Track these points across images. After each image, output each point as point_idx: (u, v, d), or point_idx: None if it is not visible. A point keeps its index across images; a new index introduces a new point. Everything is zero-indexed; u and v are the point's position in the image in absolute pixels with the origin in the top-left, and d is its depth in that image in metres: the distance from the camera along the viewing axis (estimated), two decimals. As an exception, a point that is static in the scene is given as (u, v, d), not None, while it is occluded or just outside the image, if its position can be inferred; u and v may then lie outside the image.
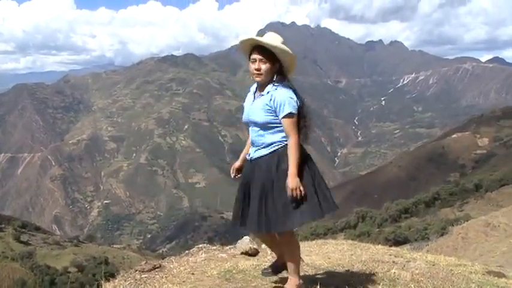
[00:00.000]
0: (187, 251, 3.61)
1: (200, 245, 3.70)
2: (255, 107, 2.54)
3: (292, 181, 2.38)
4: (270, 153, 2.51)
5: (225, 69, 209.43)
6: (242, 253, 3.42)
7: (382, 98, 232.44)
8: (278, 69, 2.54)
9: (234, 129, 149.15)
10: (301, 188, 2.38)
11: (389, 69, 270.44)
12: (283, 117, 2.46)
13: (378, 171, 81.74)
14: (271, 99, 2.49)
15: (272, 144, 2.51)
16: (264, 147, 2.53)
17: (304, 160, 2.50)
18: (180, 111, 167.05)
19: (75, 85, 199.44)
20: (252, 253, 3.39)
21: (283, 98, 2.48)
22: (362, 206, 38.15)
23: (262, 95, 2.54)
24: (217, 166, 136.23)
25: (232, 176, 2.69)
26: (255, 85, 2.65)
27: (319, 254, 3.74)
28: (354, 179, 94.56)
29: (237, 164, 2.71)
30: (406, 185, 64.09)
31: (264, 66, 2.51)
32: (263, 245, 3.32)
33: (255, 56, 2.52)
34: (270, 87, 2.53)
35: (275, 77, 2.55)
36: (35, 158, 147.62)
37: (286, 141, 2.49)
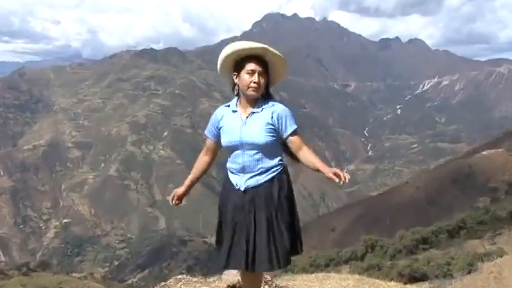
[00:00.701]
0: (163, 283, 3.59)
1: (178, 276, 3.67)
2: (251, 127, 2.62)
3: (331, 169, 2.49)
4: (270, 179, 2.62)
5: (213, 67, 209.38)
6: (228, 286, 3.39)
7: (398, 106, 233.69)
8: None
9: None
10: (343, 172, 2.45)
11: (408, 72, 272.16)
12: (292, 133, 2.63)
13: (391, 193, 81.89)
14: (272, 117, 2.62)
15: (271, 169, 2.63)
16: (261, 173, 2.62)
17: (293, 192, 2.71)
18: (158, 115, 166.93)
19: (32, 80, 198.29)
20: (240, 286, 3.37)
21: (286, 113, 2.65)
22: (371, 234, 38.12)
23: (255, 113, 2.65)
24: (200, 181, 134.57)
25: (172, 203, 2.81)
26: (234, 101, 2.76)
27: (321, 291, 3.72)
28: (362, 200, 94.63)
29: (182, 190, 2.84)
30: (425, 210, 64.21)
31: (262, 80, 2.65)
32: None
33: (255, 67, 2.63)
34: (262, 103, 2.68)
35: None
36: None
37: (282, 164, 2.68)
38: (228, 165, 2.73)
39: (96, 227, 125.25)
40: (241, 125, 2.64)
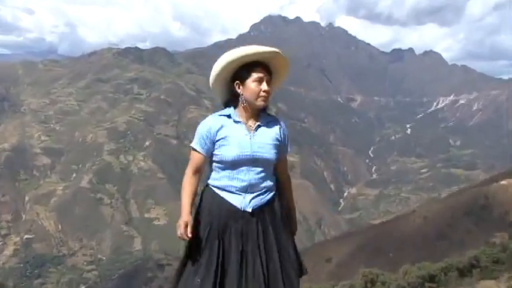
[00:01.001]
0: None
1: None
2: (261, 141, 2.67)
3: (296, 225, 2.97)
4: (271, 198, 2.71)
5: (205, 71, 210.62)
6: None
7: (408, 125, 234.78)
8: None
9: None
10: None
11: (420, 88, 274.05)
12: (285, 154, 2.82)
13: (396, 222, 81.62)
14: (280, 133, 2.73)
15: (271, 187, 2.72)
16: (264, 192, 2.68)
17: None
18: (141, 122, 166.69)
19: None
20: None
21: (287, 131, 2.81)
22: (372, 267, 37.73)
23: (262, 126, 2.71)
24: (179, 198, 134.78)
25: (188, 237, 2.64)
26: (231, 110, 2.73)
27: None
28: (363, 229, 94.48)
29: (188, 217, 2.69)
30: (433, 244, 63.88)
31: (270, 89, 2.69)
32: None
33: (263, 74, 2.65)
34: (265, 115, 2.75)
35: None
36: None
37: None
38: (222, 183, 2.69)
39: (62, 245, 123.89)
40: (250, 137, 2.65)
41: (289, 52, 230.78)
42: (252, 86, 2.63)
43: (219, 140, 2.66)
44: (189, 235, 2.63)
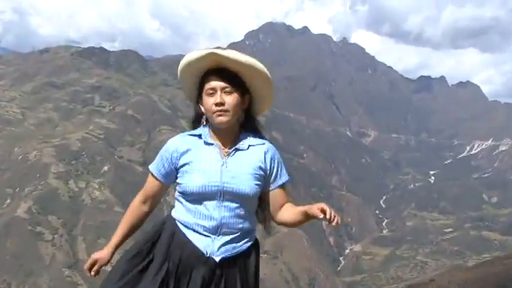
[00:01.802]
0: None
1: None
2: (235, 170, 2.57)
3: (317, 204, 2.52)
4: (247, 248, 2.60)
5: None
6: None
7: (432, 172, 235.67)
8: (247, 106, 2.67)
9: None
10: None
11: (451, 127, 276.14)
12: (282, 184, 2.67)
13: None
14: (265, 159, 2.61)
15: (250, 232, 2.62)
16: (239, 238, 2.58)
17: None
18: (100, 141, 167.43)
19: None
20: None
21: (279, 156, 2.67)
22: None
23: (239, 150, 2.62)
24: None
25: (90, 275, 2.62)
26: (205, 130, 2.69)
27: None
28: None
29: (106, 257, 2.63)
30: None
31: (229, 99, 2.54)
32: None
33: (215, 83, 2.55)
34: (247, 137, 2.67)
35: (243, 118, 2.67)
36: None
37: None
38: (187, 219, 2.59)
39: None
40: (221, 164, 2.57)
41: (292, 69, 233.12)
42: (206, 101, 2.57)
43: (183, 165, 2.62)
44: (93, 274, 2.58)
